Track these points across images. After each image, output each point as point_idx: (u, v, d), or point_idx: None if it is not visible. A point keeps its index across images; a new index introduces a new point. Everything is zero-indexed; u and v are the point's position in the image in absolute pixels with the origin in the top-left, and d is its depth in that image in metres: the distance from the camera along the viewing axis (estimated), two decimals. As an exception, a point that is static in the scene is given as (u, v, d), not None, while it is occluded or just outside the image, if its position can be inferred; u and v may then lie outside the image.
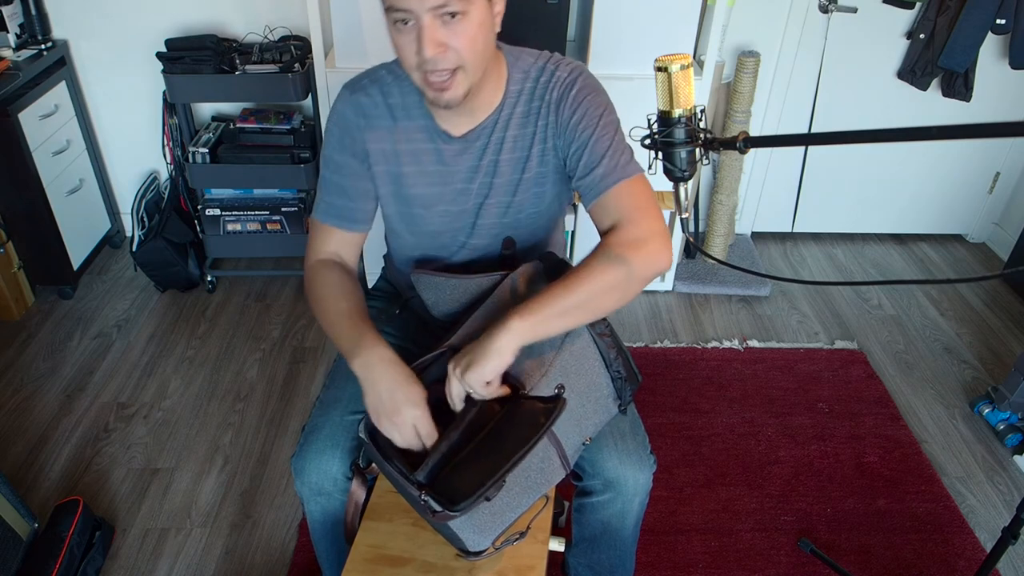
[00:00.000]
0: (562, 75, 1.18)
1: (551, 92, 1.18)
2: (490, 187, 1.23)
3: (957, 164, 2.87)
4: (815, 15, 2.55)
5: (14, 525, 1.58)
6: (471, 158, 1.21)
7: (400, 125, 1.21)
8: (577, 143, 1.16)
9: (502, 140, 1.20)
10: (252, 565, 1.74)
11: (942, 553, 1.78)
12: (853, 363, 2.37)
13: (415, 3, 0.99)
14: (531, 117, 1.20)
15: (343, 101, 1.22)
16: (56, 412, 2.12)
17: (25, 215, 2.40)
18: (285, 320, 2.50)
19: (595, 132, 1.14)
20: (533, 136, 1.20)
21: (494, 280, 1.21)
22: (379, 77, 1.22)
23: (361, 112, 1.21)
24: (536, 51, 1.23)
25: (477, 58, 1.07)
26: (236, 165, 2.44)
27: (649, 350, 2.40)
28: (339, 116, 1.23)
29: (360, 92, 1.21)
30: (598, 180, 1.13)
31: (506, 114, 1.19)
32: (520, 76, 1.19)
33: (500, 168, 1.22)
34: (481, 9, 1.04)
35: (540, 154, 1.21)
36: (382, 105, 1.21)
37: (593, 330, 1.19)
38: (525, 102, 1.19)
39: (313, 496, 1.26)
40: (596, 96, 1.18)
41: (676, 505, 1.88)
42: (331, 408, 1.27)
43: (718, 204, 2.66)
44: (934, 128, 0.77)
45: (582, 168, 1.16)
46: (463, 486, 0.99)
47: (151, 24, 2.52)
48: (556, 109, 1.18)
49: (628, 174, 1.13)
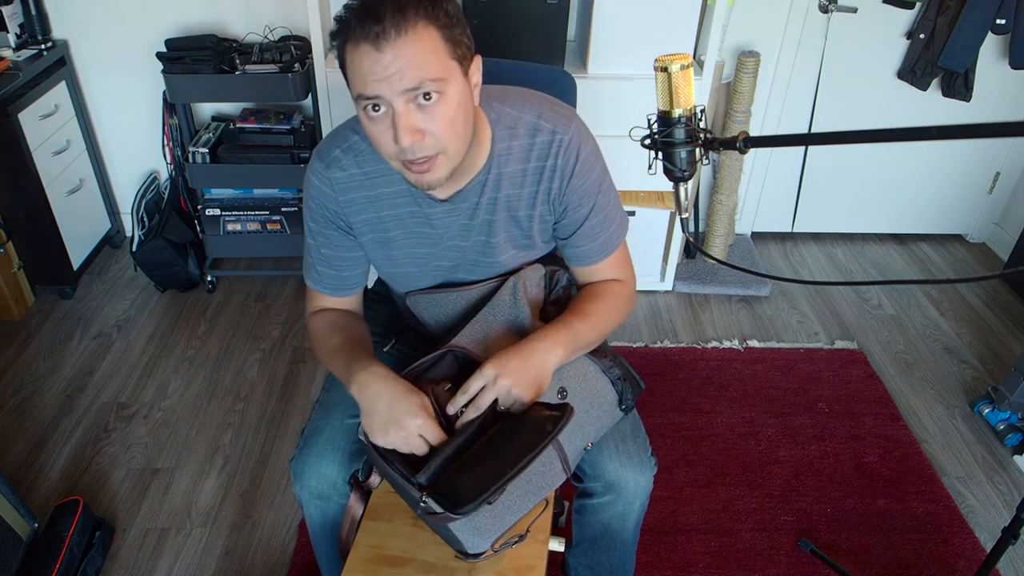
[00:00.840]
0: (563, 138, 1.12)
1: (555, 157, 1.12)
2: (486, 245, 1.19)
3: (957, 164, 2.87)
4: (815, 15, 2.55)
5: (14, 525, 1.58)
6: (461, 218, 1.16)
7: (381, 192, 1.14)
8: (573, 216, 1.18)
9: (495, 201, 1.15)
10: (252, 565, 1.74)
11: (942, 553, 1.78)
12: (853, 363, 2.36)
13: (385, 89, 0.92)
14: (529, 177, 1.14)
15: (318, 176, 1.15)
16: (56, 412, 2.12)
17: (25, 215, 2.40)
18: (285, 320, 2.50)
19: (594, 207, 1.18)
20: (534, 197, 1.16)
21: (494, 285, 1.21)
22: (351, 144, 1.13)
23: (339, 188, 1.14)
24: (515, 97, 1.14)
25: (458, 140, 1.00)
26: (236, 165, 2.44)
27: (649, 350, 2.40)
28: (317, 192, 1.16)
29: (334, 167, 1.13)
30: (590, 253, 1.22)
31: (495, 174, 1.13)
32: (506, 133, 1.12)
33: (496, 227, 1.17)
34: (458, 87, 0.96)
35: (542, 214, 1.18)
36: (359, 176, 1.14)
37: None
38: (517, 160, 1.13)
39: (312, 500, 1.25)
40: (597, 165, 1.17)
41: (676, 505, 1.88)
42: (331, 411, 1.27)
43: (718, 204, 2.66)
44: (934, 128, 0.77)
45: (574, 239, 1.21)
46: (466, 490, 0.99)
47: (151, 24, 2.52)
48: (562, 177, 1.13)
49: (616, 246, 1.23)
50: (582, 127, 1.15)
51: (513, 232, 1.19)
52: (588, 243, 1.21)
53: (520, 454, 1.00)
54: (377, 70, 0.91)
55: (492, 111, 1.12)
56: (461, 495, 0.98)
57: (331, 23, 2.08)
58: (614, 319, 1.21)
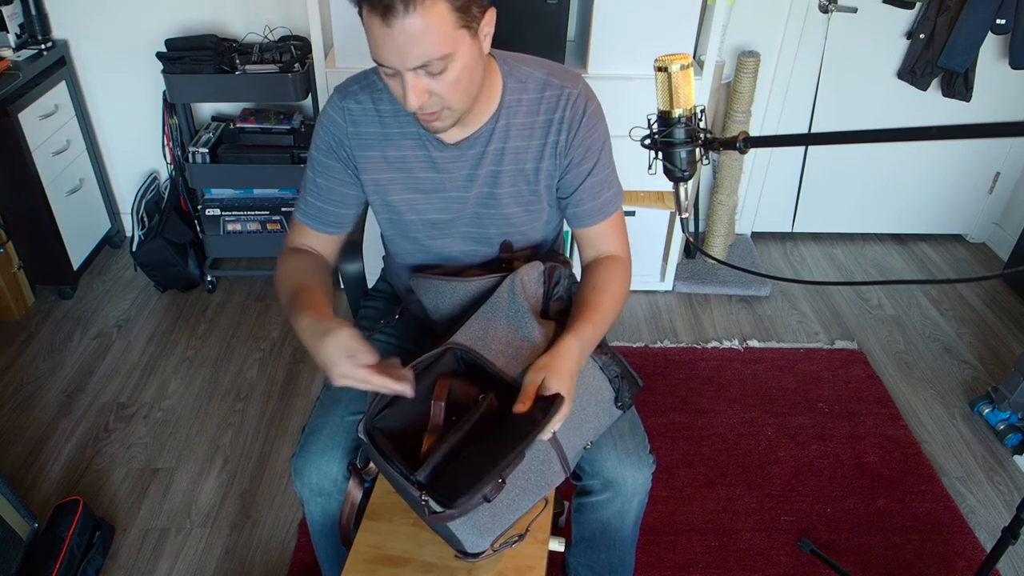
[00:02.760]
0: (572, 92, 1.17)
1: (563, 110, 1.17)
2: (490, 196, 1.22)
3: (957, 164, 2.87)
4: (815, 15, 2.55)
5: (14, 525, 1.58)
6: (466, 166, 1.20)
7: (390, 132, 1.19)
8: (577, 170, 1.20)
9: (502, 151, 1.19)
10: (252, 565, 1.74)
11: (942, 553, 1.78)
12: (853, 363, 2.36)
13: (396, 61, 0.98)
14: (537, 130, 1.18)
15: (333, 106, 1.21)
16: (56, 412, 2.12)
17: (25, 215, 2.40)
18: (285, 320, 2.50)
19: (597, 163, 1.21)
20: (542, 149, 1.19)
21: (493, 282, 1.21)
22: (371, 82, 1.19)
23: (350, 119, 1.19)
24: (531, 58, 1.20)
25: (463, 96, 1.06)
26: (236, 165, 2.44)
27: (649, 350, 2.40)
28: (328, 120, 1.21)
29: (350, 98, 1.19)
30: (590, 213, 1.24)
31: (503, 124, 1.18)
32: (517, 86, 1.17)
33: (501, 179, 1.20)
34: (466, 52, 1.01)
35: (549, 168, 1.21)
36: (372, 112, 1.19)
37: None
38: (526, 113, 1.18)
39: (313, 497, 1.26)
40: (602, 123, 1.20)
41: (676, 505, 1.88)
42: (331, 409, 1.27)
43: (718, 204, 2.66)
44: (934, 128, 0.77)
45: (578, 195, 1.22)
46: (461, 483, 1.00)
47: (151, 24, 2.52)
48: (569, 128, 1.17)
49: (615, 208, 1.26)
50: (589, 88, 1.20)
51: (520, 186, 1.22)
52: (590, 201, 1.23)
53: (512, 445, 1.00)
54: (388, 43, 0.96)
55: (505, 64, 1.18)
56: (457, 489, 0.99)
57: (331, 23, 2.09)
58: (619, 308, 1.23)
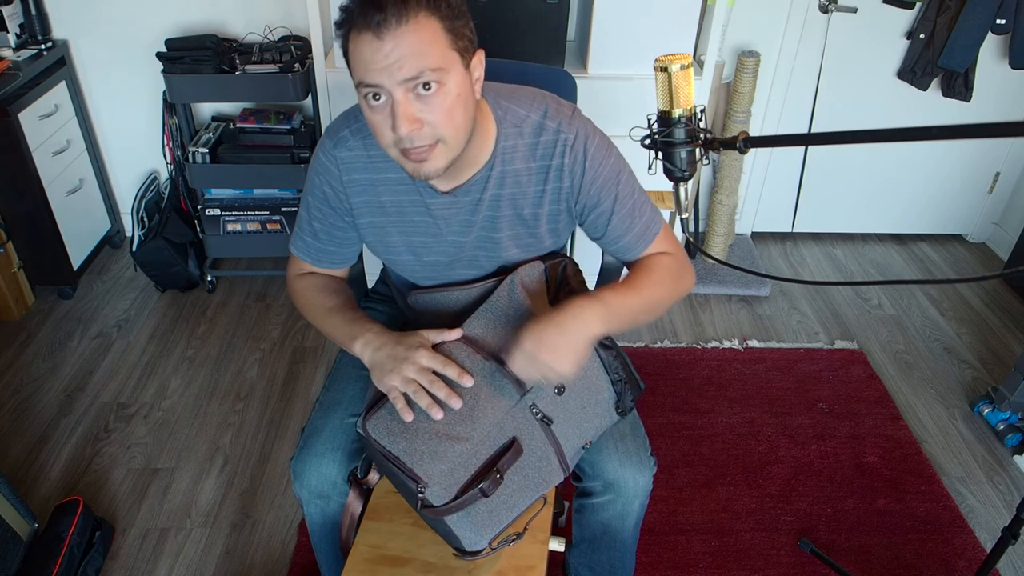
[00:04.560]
0: (567, 137, 1.11)
1: (561, 157, 1.12)
2: (489, 240, 1.19)
3: (957, 164, 2.87)
4: (815, 15, 2.55)
5: (14, 525, 1.58)
6: (462, 212, 1.16)
7: (384, 177, 1.16)
8: (597, 211, 1.17)
9: (498, 198, 1.15)
10: (252, 565, 1.74)
11: (942, 553, 1.78)
12: (853, 363, 2.36)
13: (385, 78, 0.93)
14: (534, 176, 1.14)
15: (325, 154, 1.17)
16: (56, 412, 2.12)
17: (25, 215, 2.40)
18: (285, 320, 2.50)
19: (617, 198, 1.16)
20: (541, 195, 1.15)
21: (492, 284, 1.21)
22: (361, 126, 1.15)
23: (344, 167, 1.16)
24: (525, 96, 1.15)
25: (457, 131, 1.00)
26: (236, 165, 2.44)
27: (649, 350, 2.40)
28: (322, 168, 1.18)
29: (341, 146, 1.16)
30: (631, 245, 1.21)
31: (499, 171, 1.13)
32: (512, 131, 1.12)
33: (500, 224, 1.17)
34: (458, 78, 0.97)
35: (550, 213, 1.18)
36: (364, 158, 1.15)
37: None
38: (523, 159, 1.13)
39: (312, 499, 1.25)
40: (609, 156, 1.15)
41: (676, 505, 1.88)
42: (331, 410, 1.27)
43: (718, 204, 2.66)
44: (934, 128, 0.77)
45: (610, 234, 1.19)
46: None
47: (151, 24, 2.52)
48: (571, 176, 1.13)
49: (657, 231, 1.21)
50: (586, 123, 1.15)
51: (519, 230, 1.19)
52: (627, 235, 1.19)
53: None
54: (378, 59, 0.92)
55: (499, 108, 1.12)
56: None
57: (331, 23, 2.09)
58: (664, 287, 1.18)
